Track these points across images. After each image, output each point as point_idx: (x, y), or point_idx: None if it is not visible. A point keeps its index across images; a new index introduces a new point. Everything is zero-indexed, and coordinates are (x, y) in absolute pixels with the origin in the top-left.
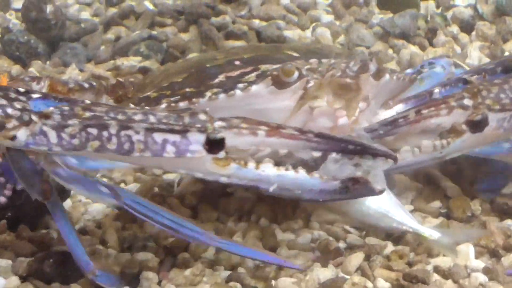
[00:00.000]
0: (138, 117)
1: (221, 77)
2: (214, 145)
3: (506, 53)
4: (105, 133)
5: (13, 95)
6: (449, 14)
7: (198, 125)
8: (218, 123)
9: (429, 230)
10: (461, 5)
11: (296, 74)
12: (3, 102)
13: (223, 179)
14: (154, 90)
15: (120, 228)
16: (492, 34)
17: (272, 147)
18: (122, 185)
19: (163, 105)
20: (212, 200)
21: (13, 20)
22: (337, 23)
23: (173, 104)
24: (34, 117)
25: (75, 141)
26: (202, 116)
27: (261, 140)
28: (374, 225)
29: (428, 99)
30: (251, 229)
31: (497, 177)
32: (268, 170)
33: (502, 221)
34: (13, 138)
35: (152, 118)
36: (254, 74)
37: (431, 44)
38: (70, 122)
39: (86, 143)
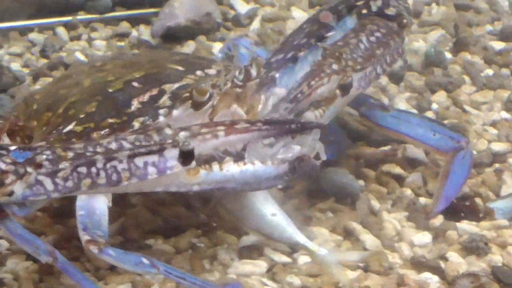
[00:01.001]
0: (113, 145)
1: (135, 104)
2: (186, 157)
3: (434, 105)
4: (93, 169)
5: None
6: None
7: (169, 140)
8: (183, 134)
9: (317, 246)
10: None
11: (209, 92)
12: None
13: (195, 188)
14: (74, 123)
15: (37, 281)
16: (421, 85)
17: (231, 145)
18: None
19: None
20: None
21: None
22: None
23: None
24: (29, 169)
25: (69, 184)
26: (168, 131)
27: (222, 141)
28: (268, 234)
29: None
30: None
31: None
32: (231, 168)
33: (419, 274)
34: (11, 193)
35: (126, 144)
36: (166, 97)
37: None
38: (61, 166)
39: (79, 183)
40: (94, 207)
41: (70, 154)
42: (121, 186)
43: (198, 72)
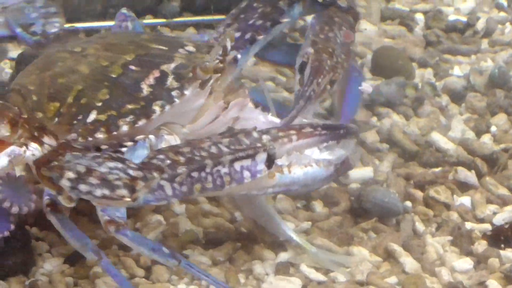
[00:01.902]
0: (214, 150)
1: (145, 88)
2: (271, 160)
3: (492, 127)
4: (203, 174)
5: (114, 155)
6: (441, 83)
7: (259, 144)
8: (265, 137)
9: (309, 244)
10: (457, 75)
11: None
12: (120, 165)
13: (270, 190)
14: (95, 112)
15: (72, 284)
16: (482, 107)
17: (299, 149)
18: None
19: (124, 128)
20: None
21: None
22: None
23: (136, 125)
24: (154, 173)
25: (184, 188)
26: (255, 134)
27: (294, 145)
28: (263, 225)
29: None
30: None
31: None
32: (297, 171)
33: None
34: (136, 198)
35: (224, 148)
36: (171, 79)
37: (416, 114)
38: (179, 171)
39: (192, 188)
40: None
41: (182, 159)
42: (223, 191)
43: (181, 50)
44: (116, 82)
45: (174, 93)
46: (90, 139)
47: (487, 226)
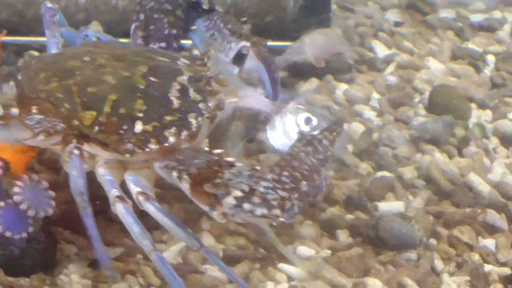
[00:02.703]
0: (309, 161)
1: (174, 100)
2: None
3: None
4: (313, 187)
5: (261, 174)
6: (493, 125)
7: (329, 152)
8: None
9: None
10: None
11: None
12: (271, 184)
13: None
14: (140, 123)
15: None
16: None
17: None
18: (112, 246)
19: (171, 139)
20: None
21: None
22: (376, 120)
23: (181, 137)
24: (295, 194)
25: (303, 204)
26: (324, 142)
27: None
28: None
29: None
30: None
31: None
32: None
33: None
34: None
35: (313, 160)
36: (192, 91)
37: (460, 154)
38: (303, 188)
39: (308, 201)
40: (141, 180)
41: (299, 175)
42: None
43: (179, 62)
44: (147, 93)
45: (200, 105)
46: (146, 149)
47: (507, 270)
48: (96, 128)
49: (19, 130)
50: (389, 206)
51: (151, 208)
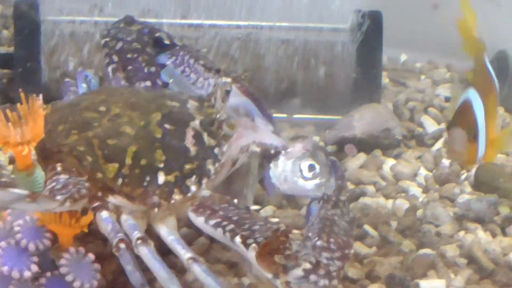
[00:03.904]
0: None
1: (191, 147)
2: None
3: None
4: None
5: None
6: None
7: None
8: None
9: None
10: None
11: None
12: (329, 255)
13: None
14: (162, 173)
15: None
16: None
17: None
18: None
19: (193, 188)
20: None
21: None
22: (421, 198)
23: (201, 185)
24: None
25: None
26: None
27: None
28: None
29: None
30: None
31: None
32: None
33: None
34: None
35: (343, 223)
36: (206, 137)
37: (503, 233)
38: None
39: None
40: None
41: (341, 242)
42: None
43: (189, 106)
44: (164, 143)
45: (215, 151)
46: (171, 201)
47: None
48: (120, 180)
49: (46, 203)
50: (431, 284)
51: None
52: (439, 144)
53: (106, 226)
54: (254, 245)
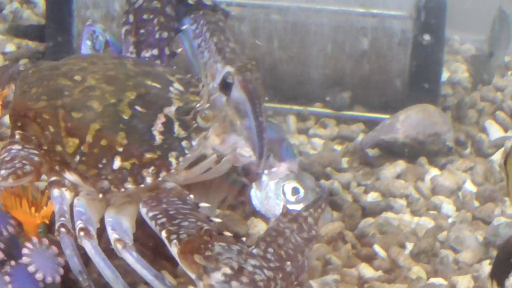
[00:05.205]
0: (293, 240)
1: (157, 135)
2: None
3: None
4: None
5: (249, 250)
6: None
7: (313, 232)
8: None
9: None
10: None
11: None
12: (258, 263)
13: None
14: (119, 158)
15: None
16: None
17: None
18: None
19: (148, 180)
20: None
21: None
22: (451, 218)
23: (158, 178)
24: (280, 275)
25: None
26: (310, 220)
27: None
28: None
29: None
30: None
31: None
32: None
33: None
34: None
35: (298, 238)
36: (177, 126)
37: None
38: (287, 269)
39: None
40: (121, 221)
41: (284, 255)
42: None
43: (172, 89)
44: (130, 125)
45: (183, 143)
46: (121, 189)
47: None
48: (78, 157)
49: None
50: None
51: (128, 258)
52: (498, 155)
53: (55, 206)
54: (175, 241)
